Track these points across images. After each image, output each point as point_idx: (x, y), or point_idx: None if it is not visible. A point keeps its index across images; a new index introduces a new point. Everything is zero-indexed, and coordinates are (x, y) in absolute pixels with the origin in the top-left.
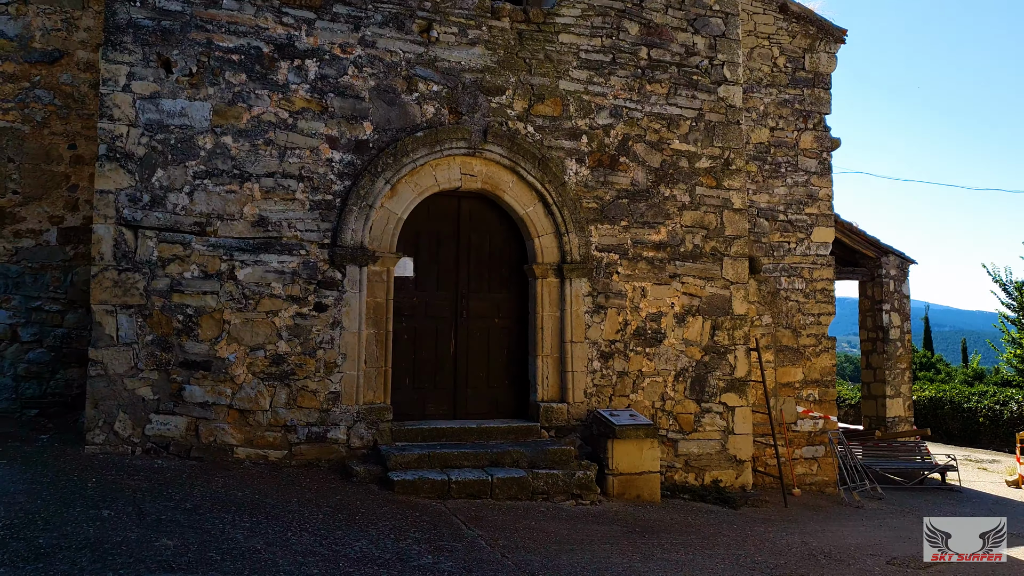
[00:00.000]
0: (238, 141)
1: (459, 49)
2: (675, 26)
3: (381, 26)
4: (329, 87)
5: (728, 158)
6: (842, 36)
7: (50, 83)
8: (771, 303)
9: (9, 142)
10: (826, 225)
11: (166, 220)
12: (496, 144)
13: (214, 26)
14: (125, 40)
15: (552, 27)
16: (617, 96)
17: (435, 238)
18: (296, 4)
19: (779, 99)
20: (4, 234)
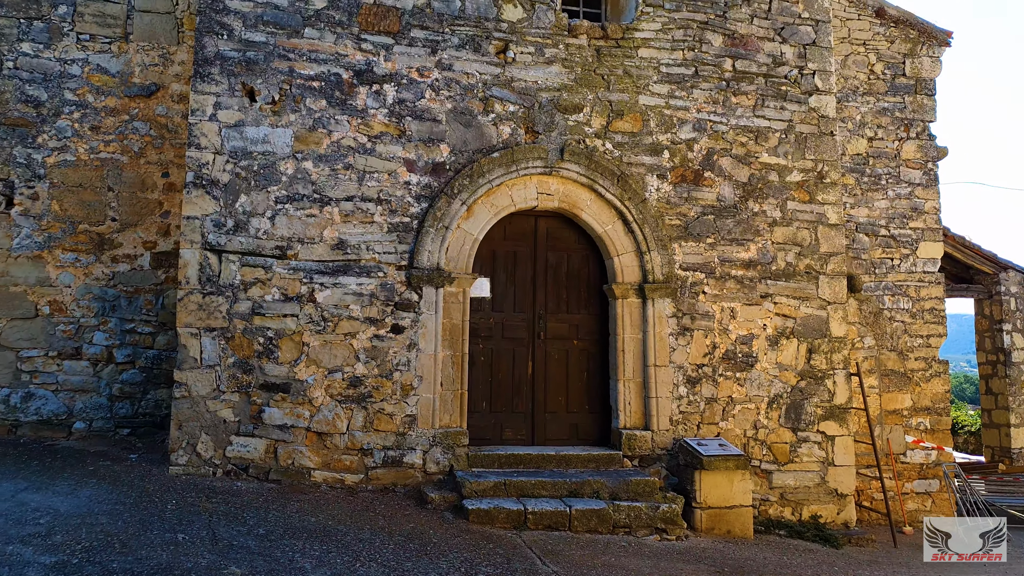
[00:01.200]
0: (318, 166)
1: (535, 68)
2: (761, 36)
3: (458, 49)
4: (407, 111)
5: (822, 171)
6: (947, 39)
7: (147, 115)
8: (874, 324)
9: (110, 172)
10: (933, 240)
11: (248, 244)
12: (573, 162)
13: (295, 55)
14: (212, 71)
15: (631, 42)
16: (700, 109)
17: (511, 258)
18: (375, 30)
19: (877, 107)
20: (103, 259)
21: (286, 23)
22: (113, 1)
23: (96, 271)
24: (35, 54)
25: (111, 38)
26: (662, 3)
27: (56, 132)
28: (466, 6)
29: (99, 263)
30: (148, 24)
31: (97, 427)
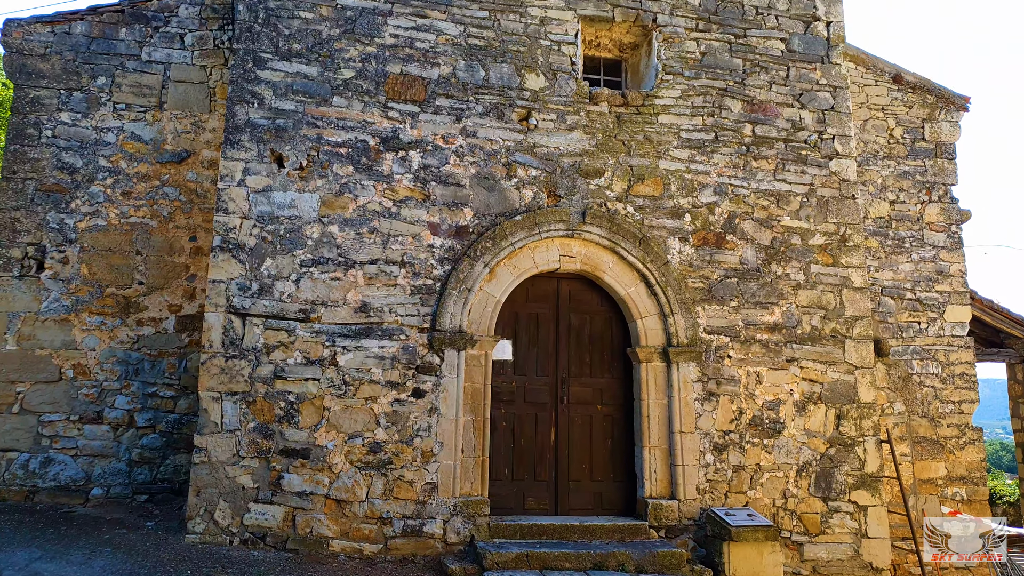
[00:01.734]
0: (344, 230)
1: (557, 135)
2: (780, 102)
3: (482, 116)
4: (431, 176)
5: (844, 234)
6: (965, 104)
7: (177, 180)
8: (903, 389)
9: (139, 236)
10: (960, 303)
11: (273, 308)
12: (595, 225)
13: (324, 122)
14: (242, 139)
15: (651, 109)
16: (721, 174)
17: (534, 320)
18: (401, 99)
19: (898, 171)
20: (128, 322)
21: (315, 92)
22: (149, 72)
23: (121, 334)
24: (73, 123)
25: (146, 107)
26: (681, 71)
27: (89, 197)
28: (490, 76)
29: (124, 326)
30: (182, 93)
31: (115, 493)
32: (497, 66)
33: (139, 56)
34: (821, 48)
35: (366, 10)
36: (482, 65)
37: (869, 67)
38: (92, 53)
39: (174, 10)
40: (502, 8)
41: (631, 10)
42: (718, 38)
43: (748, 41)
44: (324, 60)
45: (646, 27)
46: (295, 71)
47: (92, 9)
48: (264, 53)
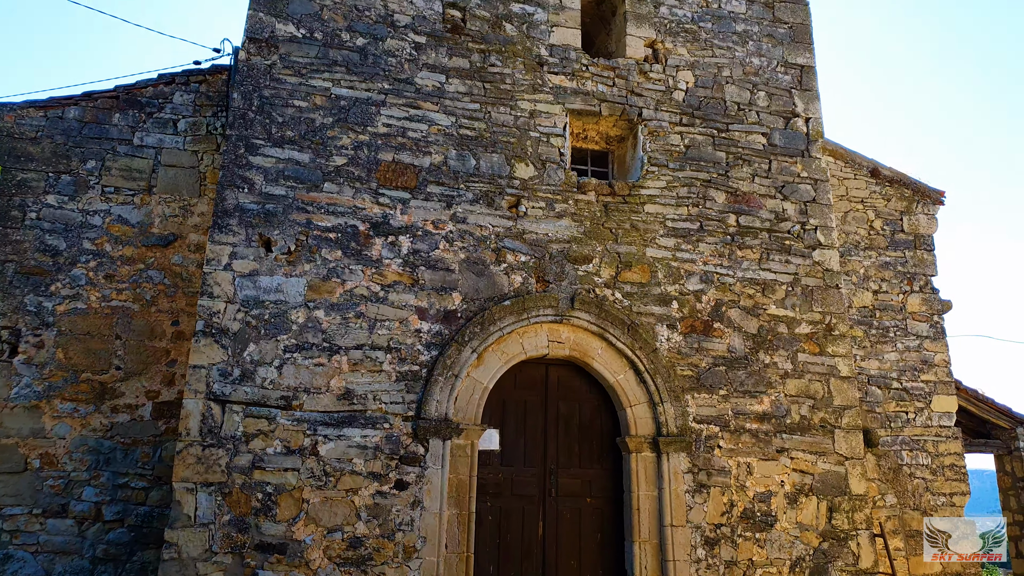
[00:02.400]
0: (330, 315)
1: (546, 222)
2: (763, 193)
3: (472, 203)
4: (421, 261)
5: (830, 323)
6: (940, 197)
7: (162, 264)
8: (894, 481)
9: (120, 320)
10: (946, 393)
11: (254, 394)
12: (583, 310)
13: (314, 208)
14: (231, 223)
15: (637, 198)
16: (707, 262)
17: (522, 408)
18: (393, 186)
19: (879, 262)
20: (103, 409)
21: (307, 178)
22: (140, 156)
23: (94, 421)
24: (59, 205)
25: (135, 191)
26: (666, 163)
27: (70, 280)
28: (481, 165)
29: (98, 413)
30: (172, 177)
31: None
32: (488, 155)
33: (131, 141)
34: (801, 143)
35: (360, 100)
36: (473, 154)
37: (847, 161)
38: (84, 137)
39: (169, 97)
40: (493, 101)
41: (617, 105)
42: (701, 132)
43: (731, 135)
44: (317, 147)
45: (632, 121)
46: (287, 157)
47: (87, 95)
48: (257, 139)
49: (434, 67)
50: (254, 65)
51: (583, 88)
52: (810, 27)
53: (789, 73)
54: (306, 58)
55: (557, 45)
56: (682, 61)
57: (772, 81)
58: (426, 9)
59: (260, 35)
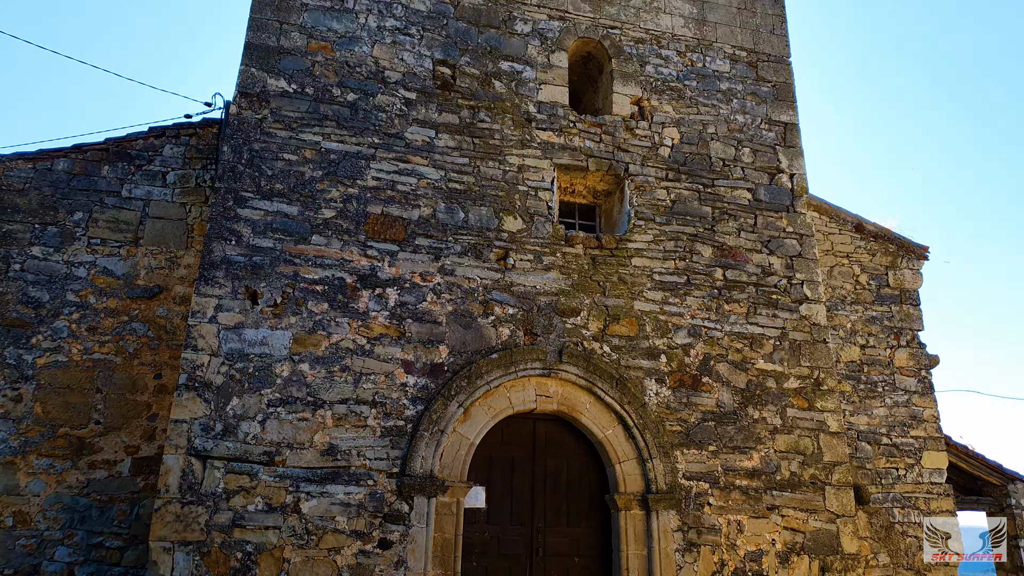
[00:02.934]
0: (314, 368)
1: (534, 274)
2: (749, 248)
3: (460, 255)
4: (408, 313)
5: (818, 378)
6: (924, 253)
7: (147, 316)
8: (886, 539)
9: (101, 373)
10: (936, 449)
11: (236, 450)
12: (572, 364)
13: (301, 260)
14: (217, 275)
15: (625, 251)
16: (695, 316)
17: (509, 464)
18: (381, 238)
19: (866, 316)
20: (79, 465)
21: (295, 230)
22: (128, 208)
23: (70, 478)
24: (44, 257)
25: (121, 242)
26: (653, 217)
27: (52, 333)
28: (469, 218)
29: (75, 469)
30: (159, 229)
31: None
32: (476, 209)
33: (119, 192)
34: (786, 198)
35: (350, 154)
36: (462, 207)
37: (832, 216)
38: (72, 189)
39: (159, 149)
40: (482, 156)
41: (604, 160)
42: (687, 187)
43: (716, 190)
44: (305, 200)
45: (618, 176)
46: (276, 210)
47: (77, 147)
48: (246, 192)
49: (424, 122)
50: (245, 119)
51: (571, 144)
52: (793, 86)
53: (773, 130)
54: (297, 112)
55: (545, 102)
56: (668, 118)
57: (757, 138)
58: (416, 66)
59: (252, 90)
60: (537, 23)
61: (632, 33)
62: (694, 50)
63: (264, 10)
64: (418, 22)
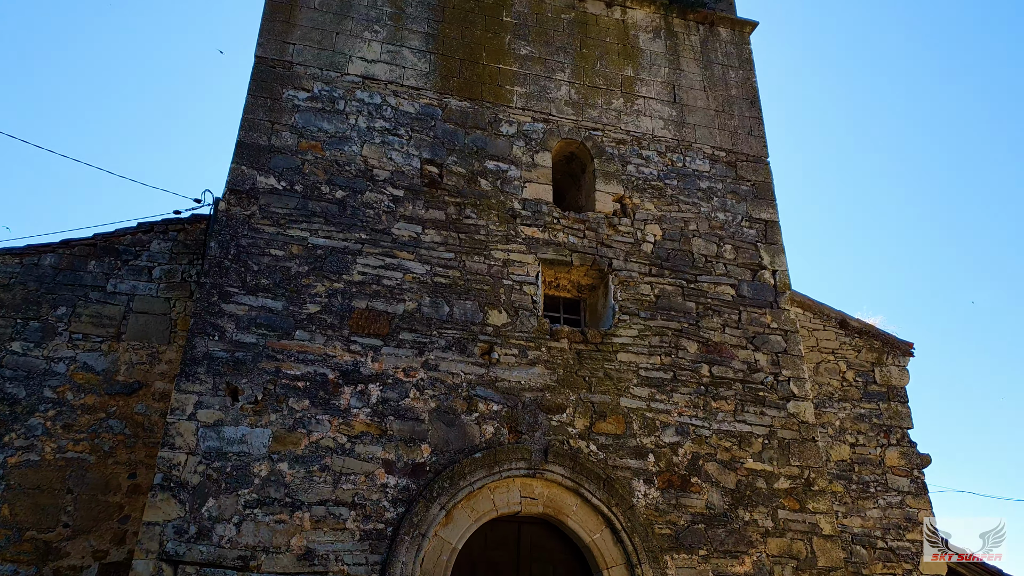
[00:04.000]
0: (293, 467)
1: (519, 369)
2: (734, 344)
3: (444, 350)
4: (390, 410)
5: (809, 478)
6: (909, 349)
7: (125, 412)
8: None
9: (73, 473)
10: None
11: (209, 554)
12: (557, 464)
13: (284, 355)
14: (199, 371)
15: (610, 346)
16: (682, 413)
17: (493, 570)
18: (365, 333)
19: (854, 414)
20: (44, 572)
21: (278, 326)
22: (112, 303)
23: None
24: (23, 352)
25: (103, 337)
26: (637, 312)
27: (26, 430)
28: (454, 312)
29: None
30: (143, 324)
31: None
32: (461, 303)
33: (104, 287)
34: (769, 294)
35: (336, 249)
36: (447, 302)
37: (816, 312)
38: (57, 284)
39: (146, 245)
40: (468, 251)
41: (588, 255)
42: (671, 283)
43: (700, 286)
44: (290, 295)
45: (602, 271)
46: (260, 305)
47: (65, 242)
48: (231, 287)
49: (411, 218)
50: (233, 215)
51: (555, 239)
52: (772, 185)
53: (754, 227)
54: (285, 209)
55: (530, 199)
56: (649, 215)
57: (738, 235)
58: (405, 165)
59: (241, 187)
60: (522, 125)
61: (613, 134)
62: (674, 150)
63: (257, 111)
64: (407, 123)
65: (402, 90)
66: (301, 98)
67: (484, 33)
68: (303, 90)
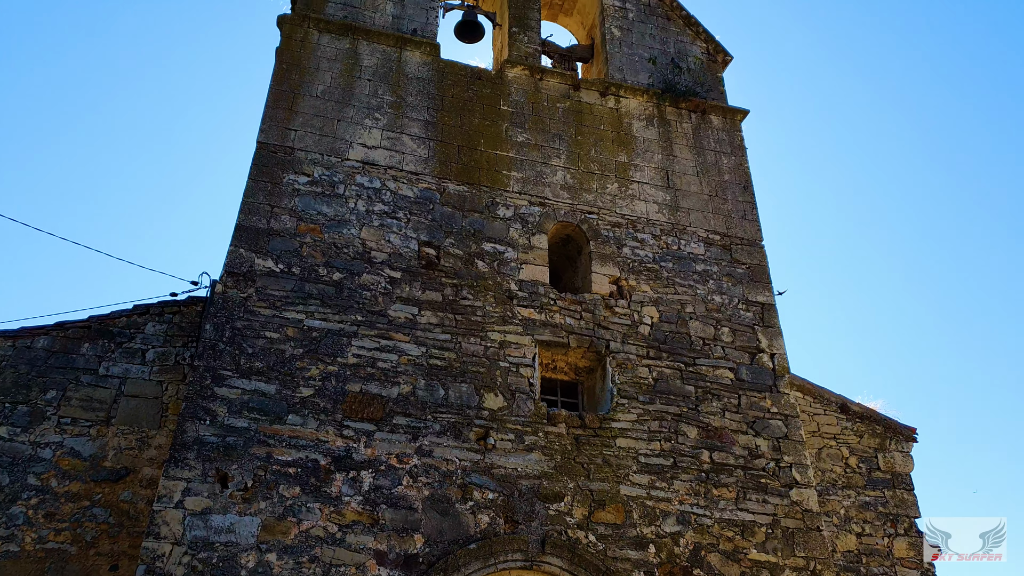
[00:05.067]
0: (282, 558)
1: (515, 455)
2: (735, 428)
3: (439, 435)
4: (382, 498)
5: (815, 569)
6: (912, 435)
7: (110, 500)
8: None
9: (52, 565)
10: None
11: None
12: (555, 555)
13: (276, 440)
14: (188, 456)
15: (608, 431)
16: (683, 501)
17: None
18: (358, 417)
19: (859, 501)
20: None
21: (271, 410)
22: (103, 386)
23: None
24: (10, 438)
25: (92, 422)
26: (636, 395)
27: (7, 519)
28: (449, 395)
29: None
30: (133, 408)
31: None
32: (457, 386)
33: (96, 370)
34: (768, 378)
35: (332, 332)
36: (442, 384)
37: (816, 397)
38: (48, 367)
39: (141, 327)
40: (464, 332)
41: (585, 337)
42: (669, 365)
43: (698, 369)
44: (284, 378)
45: (600, 353)
46: (253, 388)
47: (59, 325)
48: (224, 370)
49: (408, 300)
50: (230, 297)
51: (551, 320)
52: (767, 268)
53: (751, 310)
54: (282, 291)
55: (526, 280)
56: (646, 297)
57: (735, 318)
58: (402, 247)
59: (239, 269)
60: (519, 208)
61: (609, 218)
62: (668, 233)
63: (257, 195)
64: (405, 207)
65: (401, 175)
66: (301, 182)
67: (482, 121)
68: (303, 175)
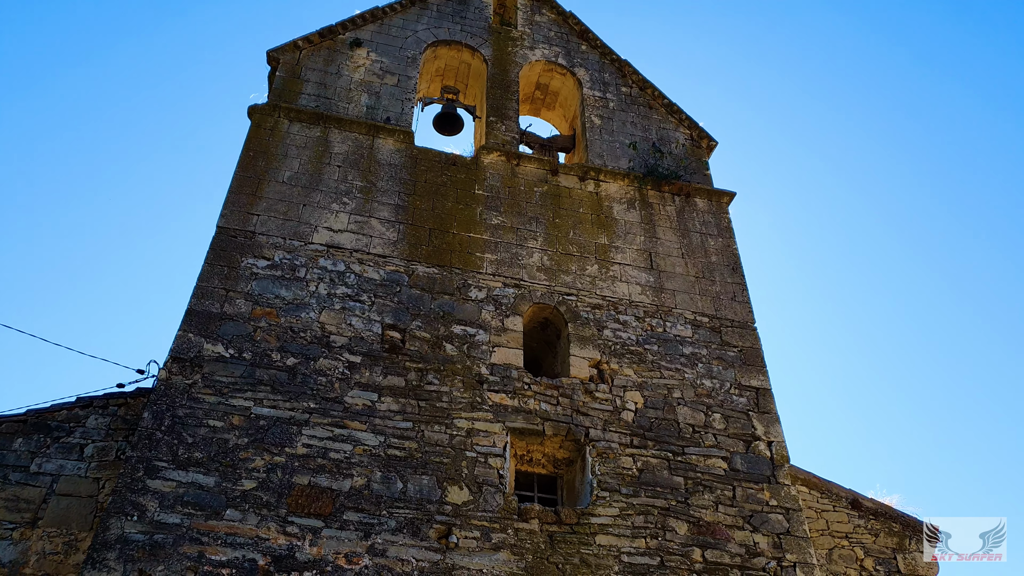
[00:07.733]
0: None
1: (481, 555)
2: (730, 524)
3: (394, 532)
4: None
5: None
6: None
7: None
8: None
9: None
10: None
11: None
12: None
13: (210, 538)
14: (108, 557)
15: (587, 528)
16: None
17: None
18: (304, 512)
19: None
20: None
21: (208, 504)
22: (33, 485)
23: None
24: None
25: (17, 524)
26: (618, 488)
27: None
28: (408, 488)
29: None
30: (64, 508)
31: None
32: (417, 478)
33: (27, 467)
34: (766, 468)
35: (281, 420)
36: (400, 477)
37: (823, 491)
38: None
39: (82, 420)
40: (427, 419)
41: (562, 424)
42: (655, 455)
43: (688, 459)
44: (225, 470)
45: (579, 442)
46: (190, 481)
47: None
48: (159, 461)
49: (367, 385)
50: (173, 384)
51: (525, 406)
52: (761, 351)
53: (744, 395)
54: (230, 377)
55: (499, 364)
56: (629, 381)
57: (727, 403)
58: (365, 331)
59: (185, 355)
60: (492, 290)
61: (588, 299)
62: (653, 315)
63: (212, 279)
64: (370, 289)
65: (368, 257)
66: (260, 266)
67: (456, 205)
68: (263, 258)
